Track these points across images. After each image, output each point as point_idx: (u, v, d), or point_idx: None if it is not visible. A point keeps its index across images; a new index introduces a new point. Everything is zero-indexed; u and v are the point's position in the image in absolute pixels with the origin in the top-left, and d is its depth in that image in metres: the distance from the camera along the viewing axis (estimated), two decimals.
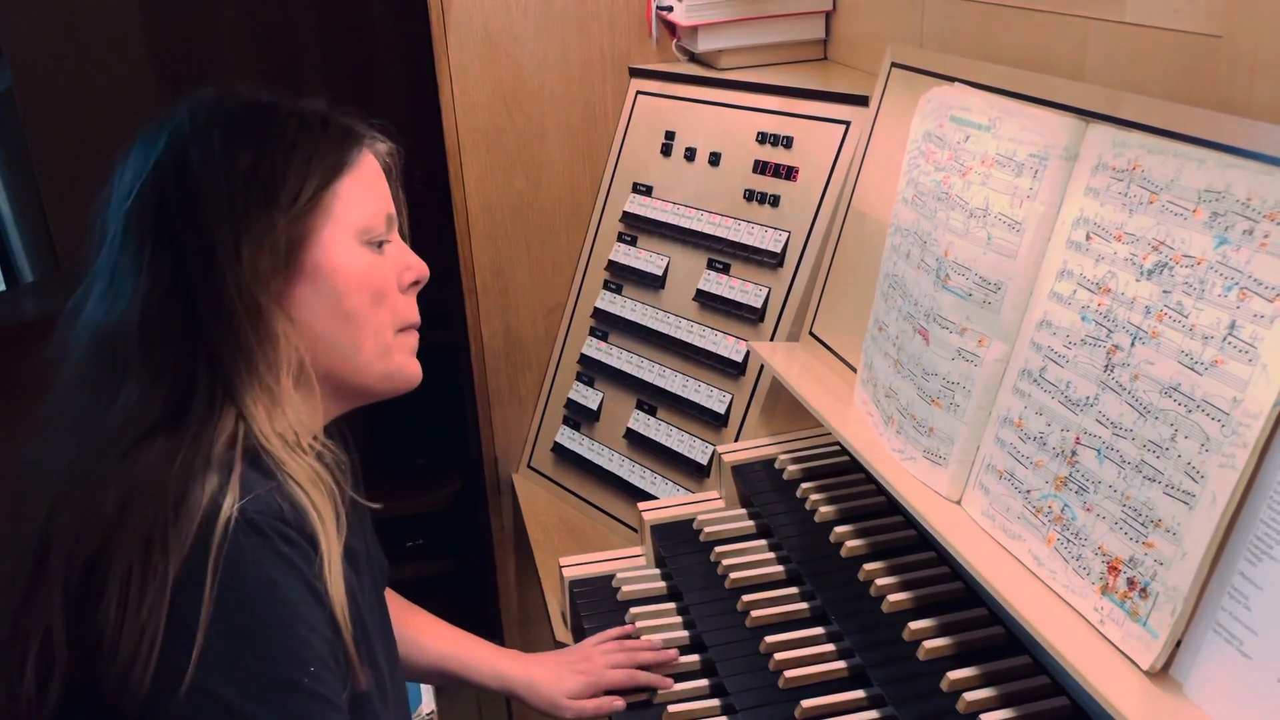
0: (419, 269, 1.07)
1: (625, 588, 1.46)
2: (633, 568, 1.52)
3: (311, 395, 0.99)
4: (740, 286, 1.67)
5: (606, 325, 1.90)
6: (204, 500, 0.86)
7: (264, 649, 0.86)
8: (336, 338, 0.99)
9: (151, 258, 0.94)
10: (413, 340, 1.07)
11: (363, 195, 1.01)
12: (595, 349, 1.91)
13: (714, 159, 1.77)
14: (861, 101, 1.55)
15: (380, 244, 1.02)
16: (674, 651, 1.30)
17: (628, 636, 1.36)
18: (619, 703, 1.26)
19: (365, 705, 0.97)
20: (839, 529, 1.32)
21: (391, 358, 1.03)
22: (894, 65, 1.40)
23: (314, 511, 0.93)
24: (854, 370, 1.36)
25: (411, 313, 1.06)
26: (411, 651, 1.29)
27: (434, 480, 3.07)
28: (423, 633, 1.32)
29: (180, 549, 0.84)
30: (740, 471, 1.52)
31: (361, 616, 0.98)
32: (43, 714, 0.88)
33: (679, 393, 1.73)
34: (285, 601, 0.87)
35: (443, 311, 3.04)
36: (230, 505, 0.86)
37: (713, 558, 1.42)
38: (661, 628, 1.37)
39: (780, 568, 1.38)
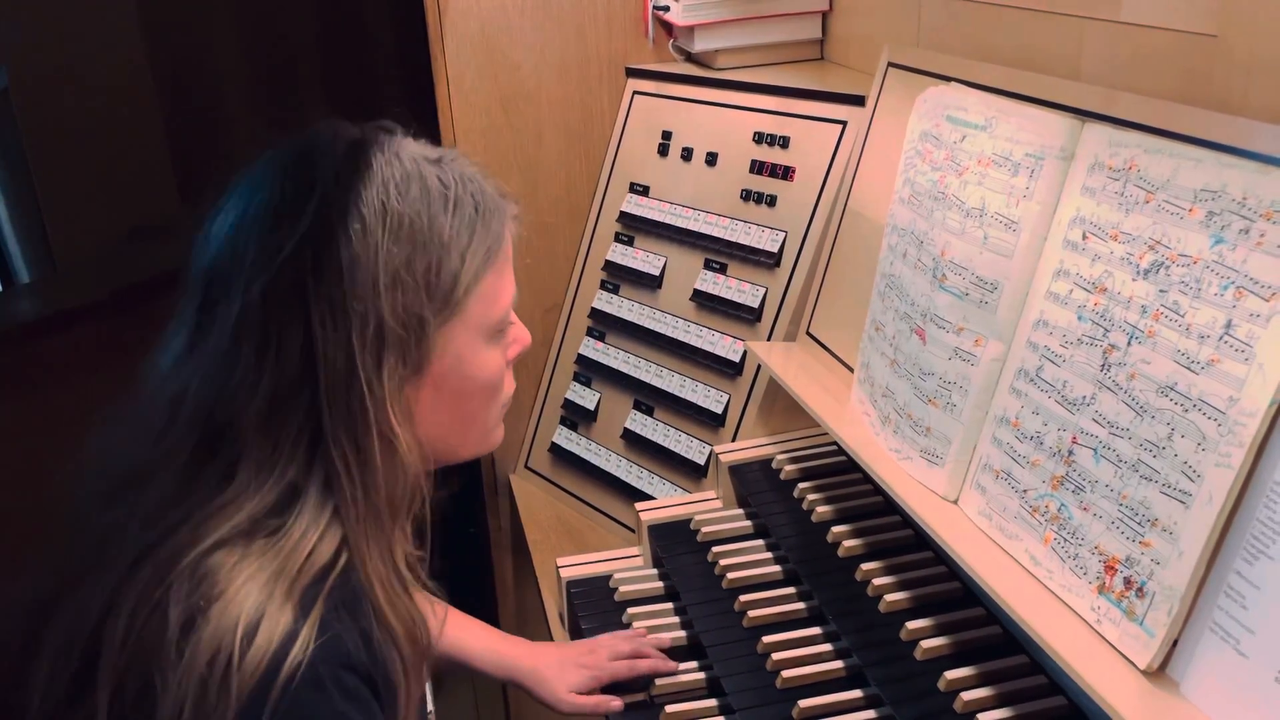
0: (524, 341, 1.00)
1: (623, 588, 1.46)
2: (630, 568, 1.52)
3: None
4: (737, 286, 1.67)
5: (604, 325, 1.90)
6: (275, 640, 0.78)
7: None
8: (447, 434, 0.94)
9: (280, 348, 0.83)
10: (507, 409, 1.02)
11: (501, 287, 0.94)
12: (592, 349, 1.91)
13: (711, 159, 1.77)
14: (858, 101, 1.55)
15: (503, 331, 0.96)
16: (674, 664, 1.30)
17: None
18: (616, 703, 1.26)
19: None
20: (836, 529, 1.32)
21: (489, 437, 1.00)
22: (890, 65, 1.40)
23: (400, 668, 0.86)
24: (851, 370, 1.36)
25: (512, 387, 1.01)
26: None
27: (431, 481, 3.06)
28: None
29: (240, 695, 0.77)
30: (737, 471, 1.52)
31: None
32: None
33: (676, 393, 1.73)
34: None
35: None
36: (300, 652, 0.78)
37: (710, 558, 1.42)
38: (659, 628, 1.37)
39: (778, 567, 1.38)
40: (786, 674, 1.19)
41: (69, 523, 0.89)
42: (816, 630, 1.26)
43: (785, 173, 1.65)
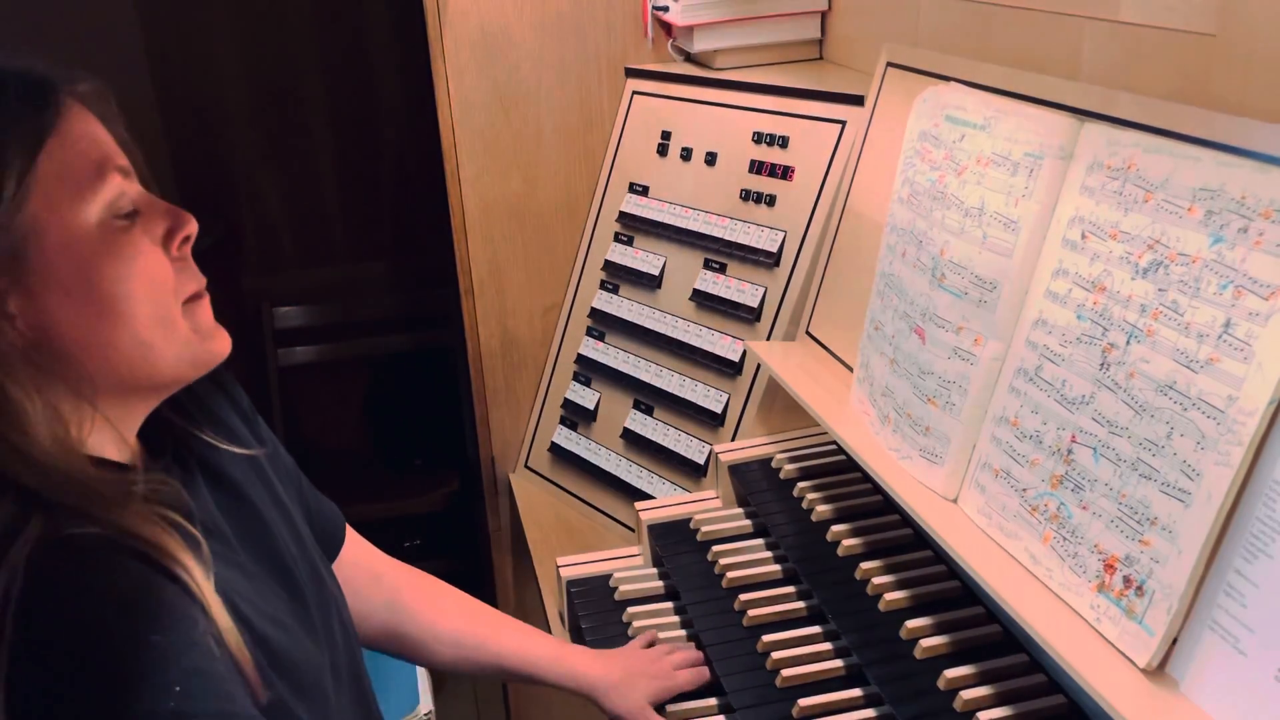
0: (178, 220, 0.88)
1: (622, 587, 1.46)
2: (630, 567, 1.52)
3: (120, 407, 0.86)
4: (737, 286, 1.67)
5: (603, 325, 1.90)
6: None
7: None
8: (109, 341, 0.84)
9: None
10: (203, 310, 0.91)
11: (86, 160, 0.82)
12: (592, 349, 1.91)
13: (710, 159, 1.77)
14: (857, 101, 1.56)
15: (131, 214, 0.86)
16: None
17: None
18: None
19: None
20: (836, 528, 1.32)
21: (178, 336, 0.88)
22: (889, 65, 1.41)
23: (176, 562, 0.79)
24: (850, 369, 1.36)
25: (191, 280, 0.89)
26: (468, 651, 1.27)
27: (431, 481, 3.08)
28: (481, 626, 1.29)
29: None
30: (737, 471, 1.52)
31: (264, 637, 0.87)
32: None
33: (676, 392, 1.73)
34: None
35: (440, 312, 3.06)
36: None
37: (710, 557, 1.42)
38: (659, 627, 1.37)
39: (777, 567, 1.38)
40: (786, 673, 1.19)
41: None
42: (816, 629, 1.26)
43: (784, 172, 1.65)
